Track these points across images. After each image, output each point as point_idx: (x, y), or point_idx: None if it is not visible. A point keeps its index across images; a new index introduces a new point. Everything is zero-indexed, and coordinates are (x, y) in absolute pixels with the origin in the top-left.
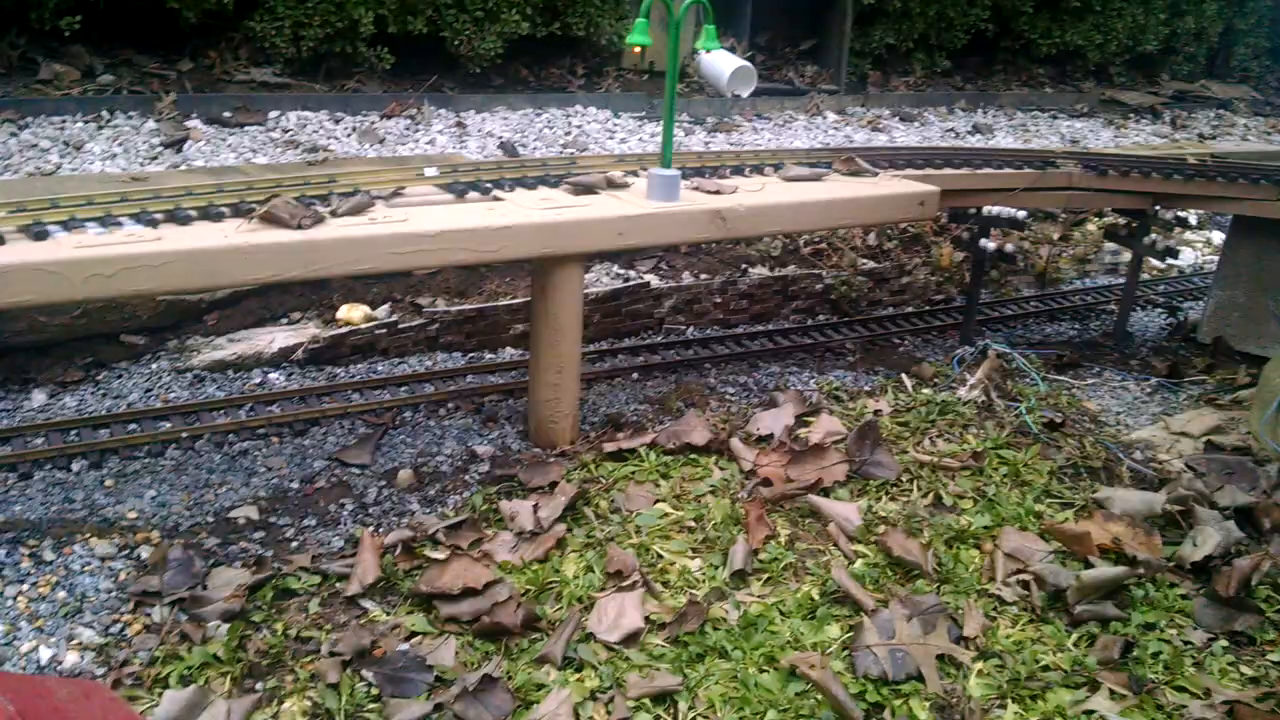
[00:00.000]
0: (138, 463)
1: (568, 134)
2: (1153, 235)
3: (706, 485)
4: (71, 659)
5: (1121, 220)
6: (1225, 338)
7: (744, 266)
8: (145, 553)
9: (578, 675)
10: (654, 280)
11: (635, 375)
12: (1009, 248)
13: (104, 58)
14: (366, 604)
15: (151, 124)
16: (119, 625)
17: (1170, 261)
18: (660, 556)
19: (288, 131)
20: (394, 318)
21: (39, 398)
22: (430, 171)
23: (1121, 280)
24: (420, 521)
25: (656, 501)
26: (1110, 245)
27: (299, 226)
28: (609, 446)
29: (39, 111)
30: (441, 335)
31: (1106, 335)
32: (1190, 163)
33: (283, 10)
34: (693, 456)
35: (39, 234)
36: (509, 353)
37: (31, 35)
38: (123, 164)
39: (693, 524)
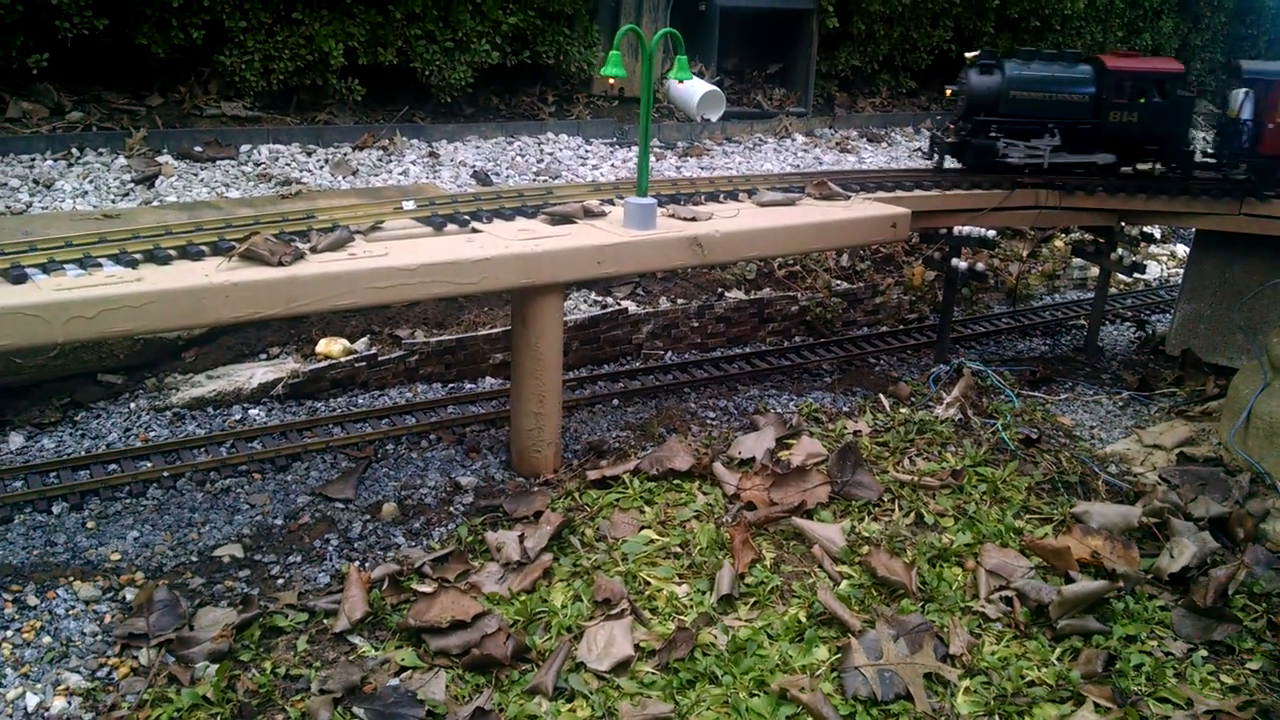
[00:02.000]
0: (119, 503)
1: (540, 161)
2: (1119, 251)
3: (691, 510)
4: (59, 705)
5: (1089, 237)
6: (1193, 349)
7: (720, 290)
8: (130, 594)
9: (570, 705)
10: (631, 306)
11: (616, 401)
12: (980, 266)
13: (73, 95)
14: (355, 640)
15: (122, 160)
16: (106, 669)
17: (1137, 276)
18: (647, 583)
19: (260, 165)
20: (373, 350)
21: (16, 440)
22: (408, 204)
23: (1090, 295)
24: (406, 555)
25: (642, 528)
26: (1078, 261)
27: (279, 264)
28: (593, 474)
29: (7, 150)
30: (421, 367)
31: (1078, 350)
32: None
33: (252, 44)
34: (676, 482)
35: (17, 277)
36: (489, 382)
37: None
38: (94, 201)
39: (679, 550)
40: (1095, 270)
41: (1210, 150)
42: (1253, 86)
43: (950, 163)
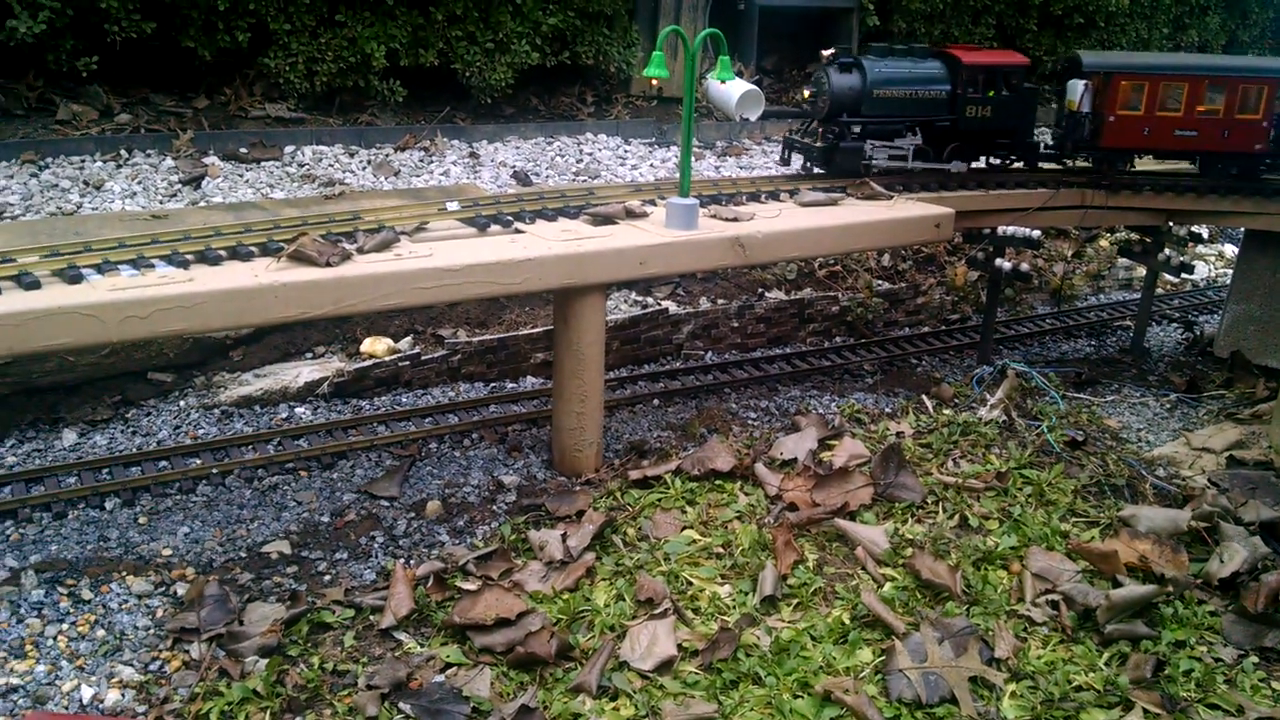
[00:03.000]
0: (170, 499)
1: (579, 161)
2: (1167, 251)
3: (733, 511)
4: (113, 697)
5: (1135, 236)
6: (1243, 351)
7: (760, 290)
8: (181, 589)
9: (613, 704)
10: (672, 306)
11: (656, 401)
12: (1024, 266)
13: (121, 97)
14: (400, 636)
15: (170, 161)
16: (158, 662)
17: (1185, 276)
18: (690, 583)
19: (303, 165)
20: (417, 350)
21: (70, 437)
22: (452, 205)
23: (1136, 296)
24: (450, 553)
25: (684, 528)
26: (1123, 261)
27: (327, 264)
28: (634, 474)
29: (58, 151)
30: (463, 366)
31: (1124, 351)
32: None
33: (296, 46)
34: (718, 482)
35: (73, 278)
36: (530, 382)
37: (49, 77)
38: (143, 202)
39: (721, 550)
40: (1142, 270)
41: (1051, 143)
42: (1092, 79)
43: (797, 162)
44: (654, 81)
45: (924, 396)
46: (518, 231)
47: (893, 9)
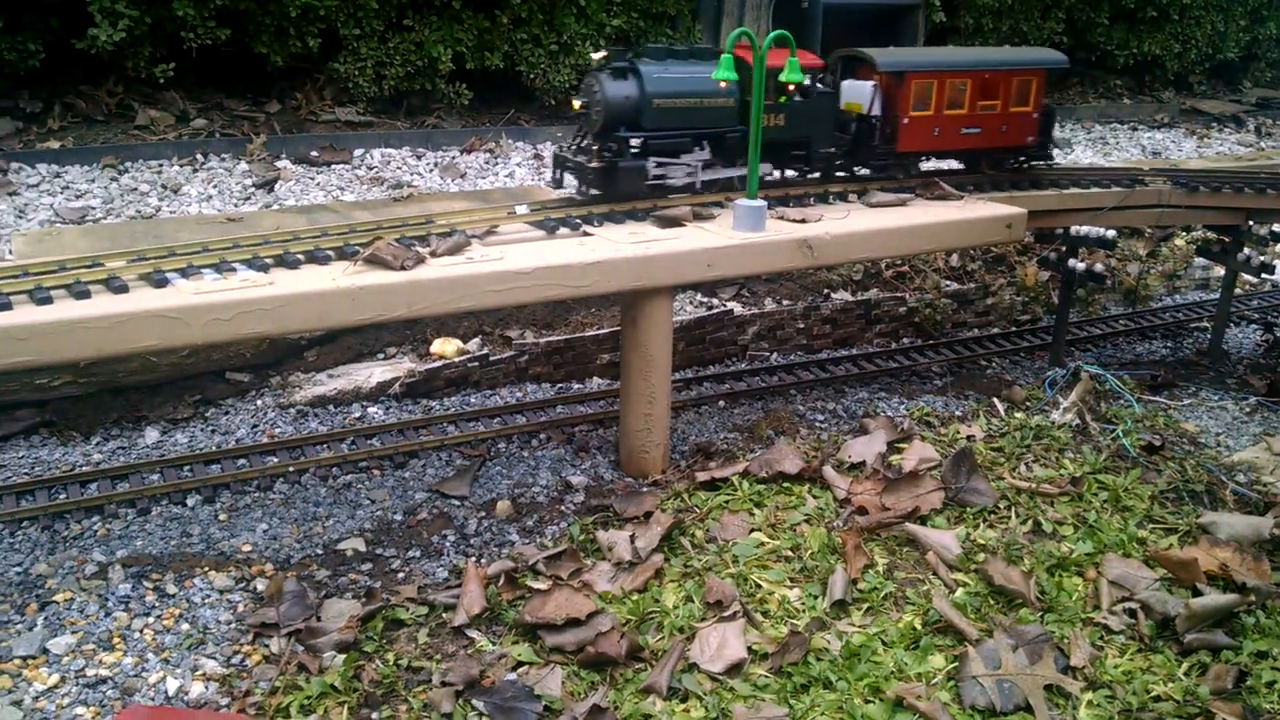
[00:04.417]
0: (248, 497)
1: None
2: (1247, 250)
3: (801, 514)
4: (197, 689)
5: (1213, 236)
6: None
7: (826, 291)
8: (261, 585)
9: (684, 706)
10: (737, 308)
11: (722, 403)
12: (1098, 267)
13: (197, 102)
14: (473, 634)
15: (244, 165)
16: (239, 656)
17: (1265, 277)
18: (759, 586)
19: (372, 168)
20: (485, 350)
21: (152, 435)
22: (521, 209)
23: (1213, 296)
24: (520, 552)
25: (751, 531)
26: (1200, 260)
27: (402, 268)
28: (701, 476)
29: (137, 156)
30: (531, 367)
31: (1201, 354)
32: None
33: (365, 51)
34: (785, 485)
35: (159, 281)
36: (596, 383)
37: (128, 83)
38: (218, 205)
39: (789, 553)
40: (1220, 270)
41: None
42: (882, 79)
43: (570, 182)
44: (723, 84)
45: (995, 399)
46: (585, 234)
47: (959, 4)
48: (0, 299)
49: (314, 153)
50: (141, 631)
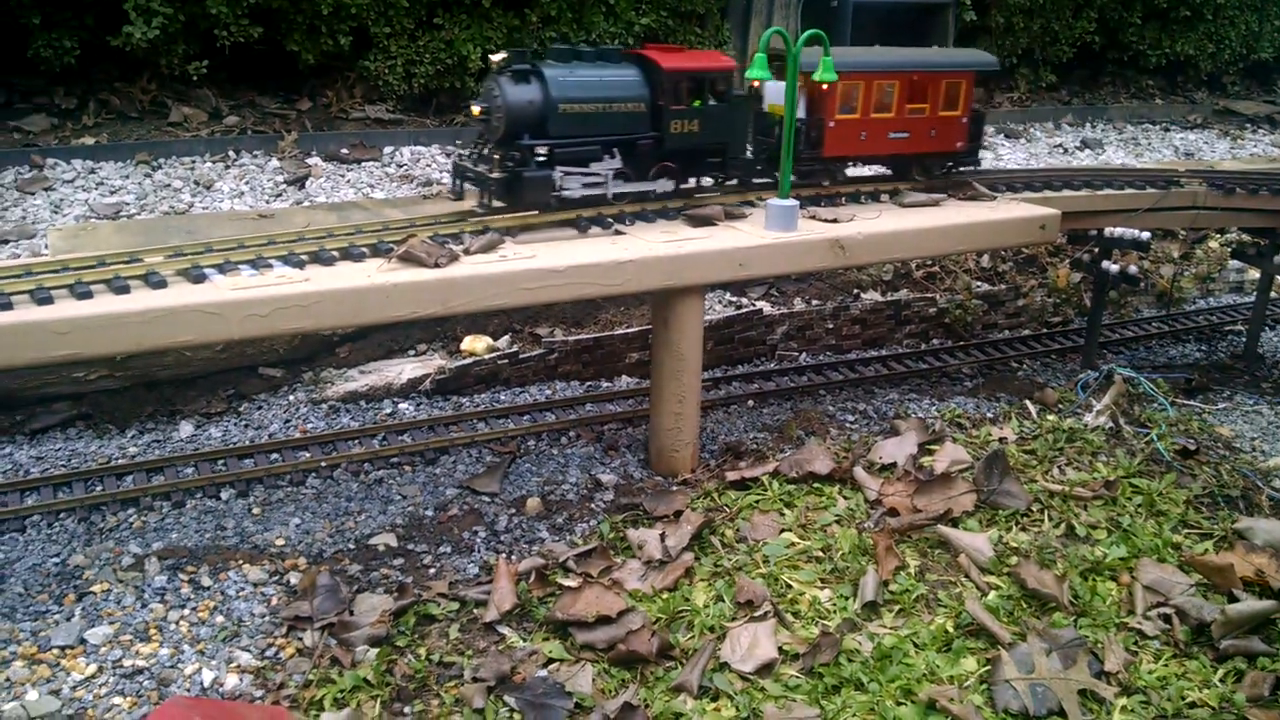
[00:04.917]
0: (281, 491)
1: None
2: None
3: (831, 515)
4: (231, 681)
5: (1249, 238)
6: None
7: (855, 291)
8: (294, 579)
9: (714, 705)
10: (766, 307)
11: (751, 402)
12: (1132, 269)
13: (229, 100)
14: (504, 630)
15: (275, 162)
16: (273, 649)
17: None
18: (789, 586)
19: (402, 166)
20: (515, 348)
21: (186, 429)
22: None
23: (1248, 299)
24: (551, 549)
25: (782, 531)
26: (1235, 263)
27: (436, 265)
28: (731, 475)
29: (170, 152)
30: (560, 365)
31: (1236, 357)
32: None
33: (395, 49)
34: (816, 485)
35: (197, 277)
36: (626, 381)
37: (161, 80)
38: (250, 201)
39: (820, 554)
40: (1255, 273)
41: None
42: (807, 80)
43: (471, 192)
44: (755, 84)
45: (1027, 401)
46: (618, 233)
47: (990, 3)
48: (41, 293)
49: (344, 150)
50: (177, 623)
